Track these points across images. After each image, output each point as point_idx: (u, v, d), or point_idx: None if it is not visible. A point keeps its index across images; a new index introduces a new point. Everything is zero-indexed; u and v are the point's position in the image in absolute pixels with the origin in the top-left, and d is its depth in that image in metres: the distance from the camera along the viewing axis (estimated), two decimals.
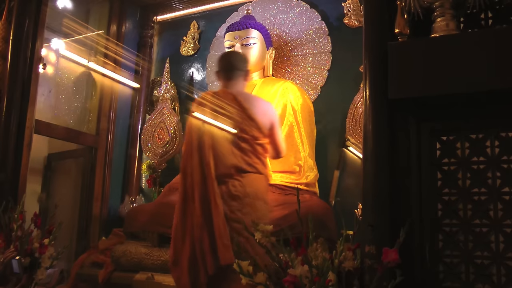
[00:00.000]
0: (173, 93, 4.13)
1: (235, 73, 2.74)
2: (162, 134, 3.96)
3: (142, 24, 4.53)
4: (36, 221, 2.59)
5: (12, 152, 2.96)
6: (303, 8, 3.84)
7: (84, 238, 3.82)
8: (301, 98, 3.45)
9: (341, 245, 1.61)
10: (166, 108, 3.99)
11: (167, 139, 3.93)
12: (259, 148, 2.59)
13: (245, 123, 2.56)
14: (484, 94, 1.66)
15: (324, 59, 3.69)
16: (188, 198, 2.45)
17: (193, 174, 2.45)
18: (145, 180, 4.19)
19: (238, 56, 2.94)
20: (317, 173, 3.30)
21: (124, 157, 4.26)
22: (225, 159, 2.49)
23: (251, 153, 2.54)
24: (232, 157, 2.51)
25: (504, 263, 1.65)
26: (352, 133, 3.20)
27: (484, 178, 1.72)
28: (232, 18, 4.10)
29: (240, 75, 2.76)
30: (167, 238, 2.94)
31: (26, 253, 2.49)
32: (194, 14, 4.42)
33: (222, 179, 2.46)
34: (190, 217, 2.42)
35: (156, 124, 4.00)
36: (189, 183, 2.45)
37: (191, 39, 4.35)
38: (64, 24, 3.85)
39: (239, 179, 2.49)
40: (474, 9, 1.79)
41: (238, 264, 1.66)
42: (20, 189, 2.91)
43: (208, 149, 2.46)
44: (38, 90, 3.23)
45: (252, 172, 2.53)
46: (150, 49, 4.52)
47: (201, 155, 2.47)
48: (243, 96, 2.69)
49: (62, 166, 4.12)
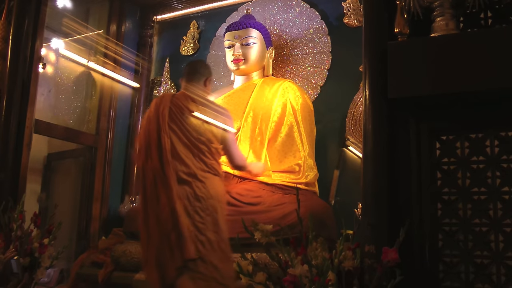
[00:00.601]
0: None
1: (196, 77, 2.78)
2: None
3: (142, 23, 4.53)
4: (36, 220, 2.59)
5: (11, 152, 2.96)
6: (302, 7, 3.84)
7: (84, 237, 3.82)
8: (301, 97, 3.45)
9: (341, 245, 1.61)
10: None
11: None
12: (215, 150, 2.65)
13: (201, 126, 2.62)
14: (484, 94, 1.66)
15: (324, 58, 3.69)
16: (150, 197, 2.46)
17: (155, 173, 2.46)
18: None
19: (201, 62, 3.05)
20: (317, 172, 3.30)
21: (124, 156, 4.27)
22: (185, 159, 2.52)
23: (209, 154, 2.59)
24: (191, 157, 2.55)
25: (504, 262, 1.65)
26: (352, 133, 3.20)
27: (483, 178, 1.72)
28: (232, 17, 4.10)
29: (201, 80, 2.79)
30: None
31: (26, 253, 2.49)
32: (194, 13, 4.42)
33: (185, 178, 2.48)
34: (153, 215, 2.43)
35: None
36: (150, 182, 2.46)
37: (191, 39, 4.35)
38: (63, 23, 3.85)
39: (202, 180, 2.52)
40: (473, 9, 1.79)
41: (238, 264, 1.66)
42: (19, 189, 2.91)
43: (167, 149, 2.48)
44: (38, 90, 3.23)
45: (211, 173, 2.56)
46: (150, 49, 4.52)
47: (160, 154, 2.48)
48: (200, 99, 2.74)
49: (62, 165, 4.12)
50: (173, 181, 2.43)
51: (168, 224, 2.37)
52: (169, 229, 2.37)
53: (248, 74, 3.67)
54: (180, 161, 2.50)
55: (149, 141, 2.50)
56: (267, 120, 3.40)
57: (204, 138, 2.58)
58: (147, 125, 2.57)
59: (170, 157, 2.46)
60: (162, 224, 2.39)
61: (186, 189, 2.47)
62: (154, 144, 2.48)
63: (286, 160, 3.28)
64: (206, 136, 2.59)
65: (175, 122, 2.55)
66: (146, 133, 2.55)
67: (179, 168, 2.48)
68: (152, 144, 2.48)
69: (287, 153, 3.31)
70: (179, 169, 2.48)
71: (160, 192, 2.42)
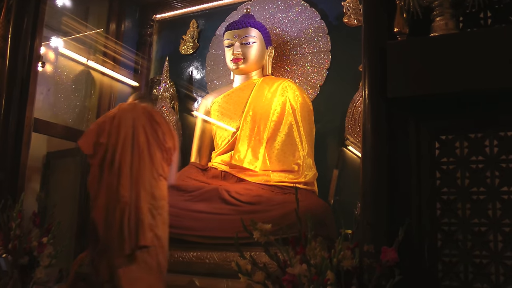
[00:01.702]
0: (172, 92, 4.14)
1: (149, 98, 3.02)
2: None
3: (142, 22, 4.53)
4: (35, 219, 2.59)
5: (11, 151, 2.96)
6: (302, 7, 3.84)
7: (83, 236, 3.81)
8: (301, 97, 3.45)
9: (339, 244, 1.61)
10: (165, 107, 3.99)
11: None
12: (169, 159, 2.76)
13: (167, 133, 2.76)
14: (483, 93, 1.66)
15: (323, 58, 3.69)
16: (109, 188, 2.55)
17: (126, 165, 2.57)
18: None
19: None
20: (316, 172, 3.30)
21: None
22: (155, 160, 2.65)
23: (165, 161, 2.70)
24: (161, 160, 2.69)
25: (503, 262, 1.65)
26: (351, 132, 3.20)
27: (483, 178, 1.72)
28: (232, 17, 4.10)
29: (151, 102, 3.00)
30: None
31: (24, 251, 2.49)
32: (193, 12, 4.42)
33: (145, 178, 2.59)
34: (115, 199, 2.52)
35: None
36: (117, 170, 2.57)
37: (191, 38, 4.35)
38: (63, 22, 3.85)
39: (161, 182, 2.65)
40: (473, 9, 1.79)
41: (237, 263, 1.66)
42: (18, 188, 2.91)
43: (142, 147, 2.62)
44: (37, 89, 3.22)
45: (163, 178, 2.68)
46: (149, 48, 4.52)
47: (136, 150, 2.62)
48: (158, 112, 2.93)
49: (61, 164, 4.11)
50: (145, 176, 2.57)
51: (130, 210, 2.47)
52: (129, 215, 2.46)
53: (248, 73, 3.67)
54: (151, 161, 2.62)
55: (124, 138, 2.61)
56: (266, 119, 3.40)
57: (164, 147, 2.71)
58: (116, 125, 2.65)
59: (146, 155, 2.60)
60: (120, 210, 2.47)
61: (152, 185, 2.58)
62: (129, 142, 2.60)
63: (285, 159, 3.28)
64: (167, 145, 2.72)
65: (148, 127, 2.69)
66: (117, 131, 2.64)
67: (148, 166, 2.60)
68: (127, 142, 2.61)
69: (286, 153, 3.31)
70: (148, 166, 2.60)
71: (127, 182, 2.53)
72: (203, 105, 3.87)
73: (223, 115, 3.63)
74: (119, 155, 2.57)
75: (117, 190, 2.51)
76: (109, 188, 2.55)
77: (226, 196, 3.02)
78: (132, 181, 2.53)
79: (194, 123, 3.92)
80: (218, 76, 4.11)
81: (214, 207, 2.97)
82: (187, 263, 2.84)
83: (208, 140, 3.77)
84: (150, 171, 2.60)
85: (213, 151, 3.67)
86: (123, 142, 2.60)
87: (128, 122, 2.66)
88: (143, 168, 2.57)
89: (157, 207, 2.57)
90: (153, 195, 2.56)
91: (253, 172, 3.31)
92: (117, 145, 2.60)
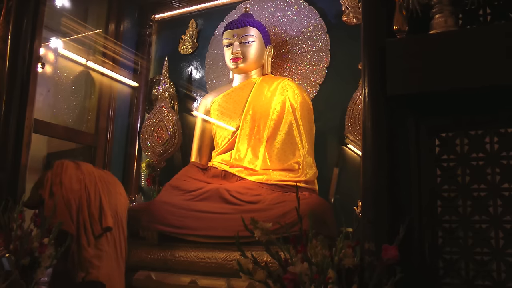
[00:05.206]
0: (171, 92, 4.13)
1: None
2: (161, 132, 3.96)
3: (141, 22, 4.53)
4: (36, 220, 2.59)
5: (11, 152, 2.95)
6: (301, 5, 3.84)
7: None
8: (300, 95, 3.45)
9: (340, 242, 1.61)
10: (165, 107, 3.99)
11: (166, 138, 3.93)
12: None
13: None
14: (483, 91, 1.66)
15: (322, 56, 3.69)
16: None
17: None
18: (145, 179, 4.20)
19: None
20: (316, 170, 3.30)
21: (123, 156, 4.26)
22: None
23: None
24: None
25: (504, 259, 1.65)
26: (351, 131, 3.20)
27: (483, 175, 1.72)
28: (231, 16, 4.10)
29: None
30: (167, 236, 2.95)
31: (25, 252, 2.48)
32: (192, 12, 4.42)
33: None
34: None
35: (155, 122, 4.00)
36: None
37: (190, 38, 4.35)
38: (62, 23, 3.84)
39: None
40: (472, 5, 1.79)
41: (238, 262, 1.66)
42: (19, 189, 2.90)
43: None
44: (37, 90, 3.21)
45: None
46: (149, 48, 4.51)
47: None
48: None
49: None
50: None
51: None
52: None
53: (247, 72, 3.67)
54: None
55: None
56: (266, 118, 3.41)
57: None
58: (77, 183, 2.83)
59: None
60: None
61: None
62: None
63: (286, 158, 3.28)
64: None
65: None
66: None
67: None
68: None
69: (286, 151, 3.31)
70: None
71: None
72: (202, 105, 3.87)
73: (223, 115, 3.64)
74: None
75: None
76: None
77: (227, 195, 3.02)
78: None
79: (194, 123, 3.92)
80: (218, 76, 4.11)
81: (215, 207, 2.97)
82: (188, 262, 2.84)
83: (208, 139, 3.78)
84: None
85: (213, 150, 3.67)
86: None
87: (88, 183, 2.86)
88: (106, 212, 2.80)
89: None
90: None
91: (254, 171, 3.31)
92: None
